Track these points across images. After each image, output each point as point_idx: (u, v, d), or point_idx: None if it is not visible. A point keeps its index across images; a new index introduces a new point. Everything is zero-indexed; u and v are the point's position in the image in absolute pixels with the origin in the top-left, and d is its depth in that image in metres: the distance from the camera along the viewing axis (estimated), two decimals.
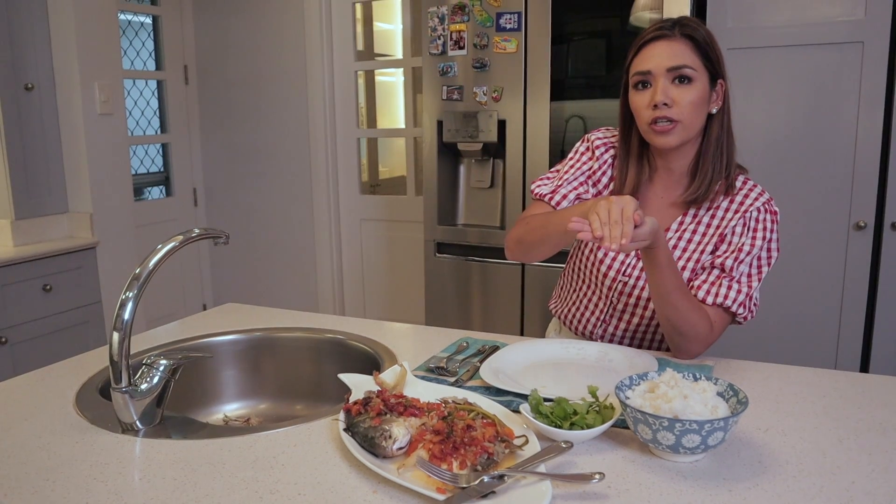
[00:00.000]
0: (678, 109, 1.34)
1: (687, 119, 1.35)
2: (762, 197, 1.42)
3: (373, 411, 1.02)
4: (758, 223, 1.39)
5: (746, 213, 1.40)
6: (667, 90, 1.34)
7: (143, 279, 1.14)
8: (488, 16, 2.66)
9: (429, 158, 2.89)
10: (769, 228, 1.40)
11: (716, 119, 1.40)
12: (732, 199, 1.42)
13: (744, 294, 1.37)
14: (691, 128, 1.37)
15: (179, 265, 4.13)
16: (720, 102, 1.40)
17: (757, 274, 1.39)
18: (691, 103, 1.34)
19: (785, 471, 0.96)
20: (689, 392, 0.99)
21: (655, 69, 1.35)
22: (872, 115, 2.32)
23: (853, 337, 2.45)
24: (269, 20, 3.89)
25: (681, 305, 1.31)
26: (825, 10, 2.34)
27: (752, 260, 1.39)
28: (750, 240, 1.38)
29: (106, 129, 3.20)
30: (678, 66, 1.34)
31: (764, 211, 1.40)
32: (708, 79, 1.37)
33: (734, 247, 1.39)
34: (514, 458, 0.96)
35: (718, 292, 1.37)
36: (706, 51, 1.36)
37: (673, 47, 1.34)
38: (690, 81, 1.34)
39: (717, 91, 1.39)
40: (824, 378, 1.31)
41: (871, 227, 2.38)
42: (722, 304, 1.37)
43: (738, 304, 1.37)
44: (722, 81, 1.39)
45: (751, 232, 1.39)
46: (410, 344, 1.55)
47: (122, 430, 1.11)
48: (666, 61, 1.34)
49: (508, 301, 2.81)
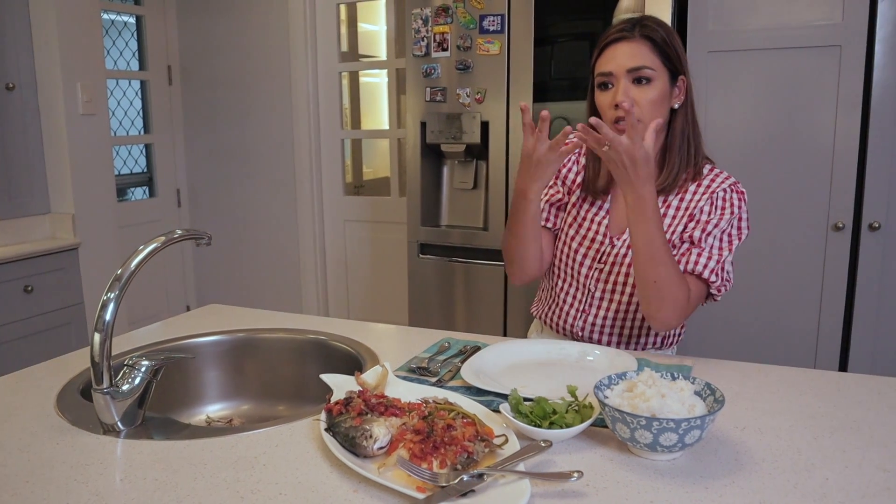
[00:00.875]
0: (638, 109, 1.39)
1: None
2: (729, 180, 1.48)
3: (354, 411, 1.03)
4: (725, 201, 1.45)
5: (714, 193, 1.45)
6: (627, 91, 1.40)
7: (124, 280, 1.14)
8: (472, 18, 2.67)
9: (412, 159, 2.90)
10: (737, 205, 1.44)
11: (679, 113, 1.47)
12: (700, 183, 1.48)
13: (714, 261, 1.41)
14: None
15: (163, 266, 4.11)
16: (682, 97, 1.46)
17: (728, 245, 1.44)
18: (651, 102, 1.40)
19: (761, 468, 0.97)
20: (666, 391, 1.00)
21: (616, 70, 1.41)
22: (850, 118, 2.35)
23: (832, 336, 2.48)
24: (254, 21, 3.88)
25: (667, 262, 1.33)
26: (804, 14, 2.37)
27: (722, 234, 1.44)
28: (718, 216, 1.44)
29: (88, 130, 3.18)
30: (637, 67, 1.40)
31: (731, 191, 1.46)
32: (668, 77, 1.43)
33: (702, 223, 1.44)
34: (494, 457, 0.97)
35: (689, 260, 1.41)
36: (665, 50, 1.42)
37: (633, 48, 1.40)
38: (650, 81, 1.40)
39: (678, 87, 1.45)
40: (801, 377, 1.33)
41: (850, 228, 2.41)
42: (694, 271, 1.41)
43: (710, 270, 1.41)
44: (683, 77, 1.45)
45: (718, 210, 1.44)
46: (392, 344, 1.56)
47: (104, 431, 1.11)
48: (626, 63, 1.40)
49: (491, 302, 2.82)
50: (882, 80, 2.30)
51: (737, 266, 2.46)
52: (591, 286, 1.54)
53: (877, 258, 2.40)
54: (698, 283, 1.42)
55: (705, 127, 2.53)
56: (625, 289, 1.51)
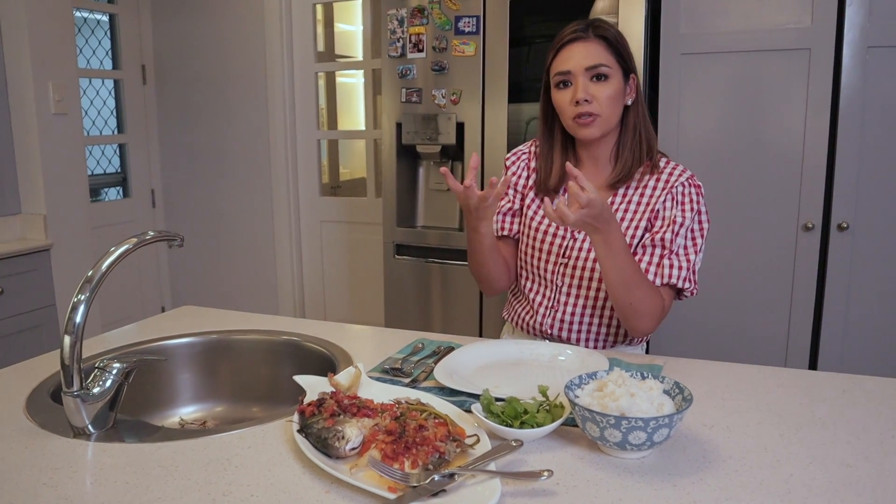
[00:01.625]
0: (597, 104, 1.46)
1: (605, 112, 1.47)
2: (685, 174, 1.53)
3: (326, 412, 1.03)
4: (684, 196, 1.50)
5: (673, 188, 1.51)
6: (586, 87, 1.46)
7: (95, 282, 1.13)
8: (447, 19, 2.68)
9: (388, 160, 2.90)
10: (695, 200, 1.51)
11: (631, 110, 1.54)
12: (658, 178, 1.53)
13: (685, 269, 1.48)
14: (610, 120, 1.49)
15: (137, 267, 4.07)
16: (634, 95, 1.53)
17: (693, 246, 1.50)
18: (608, 98, 1.47)
19: (728, 465, 0.99)
20: (635, 390, 1.02)
21: (574, 69, 1.47)
22: (819, 120, 2.39)
23: (802, 335, 2.52)
24: (229, 20, 3.85)
25: (640, 284, 1.40)
26: (774, 17, 2.40)
27: (686, 232, 1.49)
28: (680, 212, 1.49)
29: (60, 129, 3.15)
30: (595, 65, 1.46)
31: (689, 185, 1.51)
32: (621, 75, 1.49)
33: (668, 220, 1.49)
34: (466, 457, 0.98)
35: (662, 272, 1.47)
36: (618, 49, 1.49)
37: (589, 48, 1.47)
38: (606, 78, 1.47)
39: (630, 85, 1.52)
40: (769, 375, 1.35)
41: (819, 228, 2.45)
42: (668, 283, 1.47)
43: (683, 279, 1.47)
44: (634, 76, 1.52)
45: (679, 205, 1.50)
46: (367, 345, 1.56)
47: (74, 434, 1.10)
48: (583, 61, 1.46)
49: (467, 302, 2.83)
50: (850, 83, 2.34)
51: (709, 267, 2.51)
52: (557, 281, 1.57)
53: (845, 258, 2.44)
54: (671, 292, 1.50)
55: (678, 127, 2.56)
56: (591, 283, 1.54)
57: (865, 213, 2.41)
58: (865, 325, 2.46)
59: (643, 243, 1.49)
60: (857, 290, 2.45)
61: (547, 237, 1.58)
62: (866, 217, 2.41)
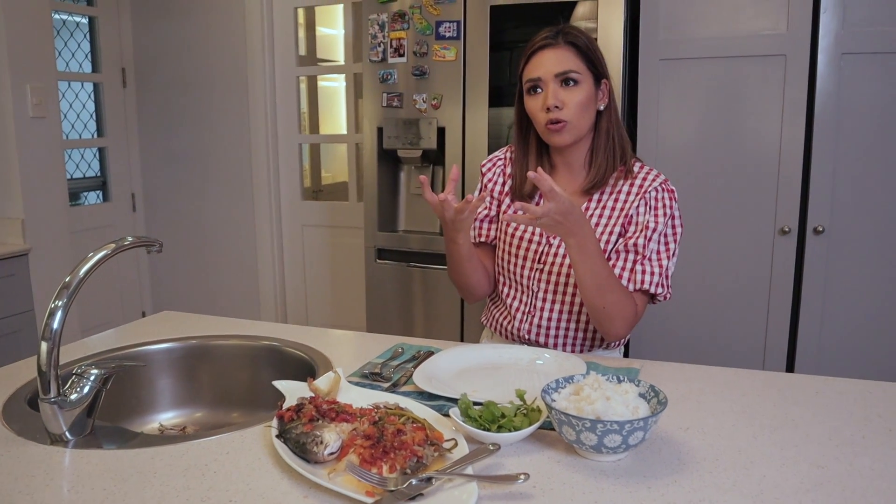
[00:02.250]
0: (568, 111, 1.47)
1: (576, 118, 1.48)
2: (659, 178, 1.54)
3: (305, 417, 1.03)
4: (657, 202, 1.51)
5: (646, 193, 1.52)
6: (557, 93, 1.47)
7: (73, 288, 1.13)
8: (428, 24, 2.69)
9: (369, 165, 2.91)
10: (668, 205, 1.52)
11: (604, 115, 1.55)
12: (633, 183, 1.54)
13: (658, 275, 1.49)
14: (582, 125, 1.50)
15: (117, 272, 4.04)
16: (606, 100, 1.54)
17: (665, 251, 1.51)
18: (579, 104, 1.48)
19: (702, 467, 1.00)
20: (611, 394, 1.03)
21: (545, 75, 1.48)
22: (795, 125, 2.43)
23: (779, 337, 2.55)
24: (210, 23, 3.84)
25: (613, 287, 1.42)
26: (751, 24, 2.44)
27: (659, 237, 1.51)
28: (653, 217, 1.50)
29: (39, 133, 3.12)
30: (565, 71, 1.48)
31: (662, 190, 1.52)
32: (592, 80, 1.50)
33: (641, 225, 1.50)
34: (444, 461, 0.98)
35: (635, 278, 1.48)
36: (588, 55, 1.50)
37: (559, 54, 1.48)
38: (577, 84, 1.48)
39: (602, 90, 1.53)
40: (744, 378, 1.37)
41: (796, 232, 2.48)
42: (641, 289, 1.48)
43: (656, 284, 1.49)
44: (606, 81, 1.53)
45: (652, 210, 1.51)
46: (347, 350, 1.56)
47: (51, 441, 1.10)
48: (554, 67, 1.48)
49: (449, 307, 2.84)
50: (825, 89, 2.38)
51: (687, 271, 2.53)
52: (533, 287, 1.58)
53: (821, 261, 2.47)
54: (644, 297, 1.51)
55: (656, 132, 2.59)
56: (566, 289, 1.55)
57: (841, 217, 2.44)
58: (841, 327, 2.50)
59: (616, 248, 1.51)
60: (832, 293, 2.49)
61: (523, 243, 1.59)
62: (842, 221, 2.44)
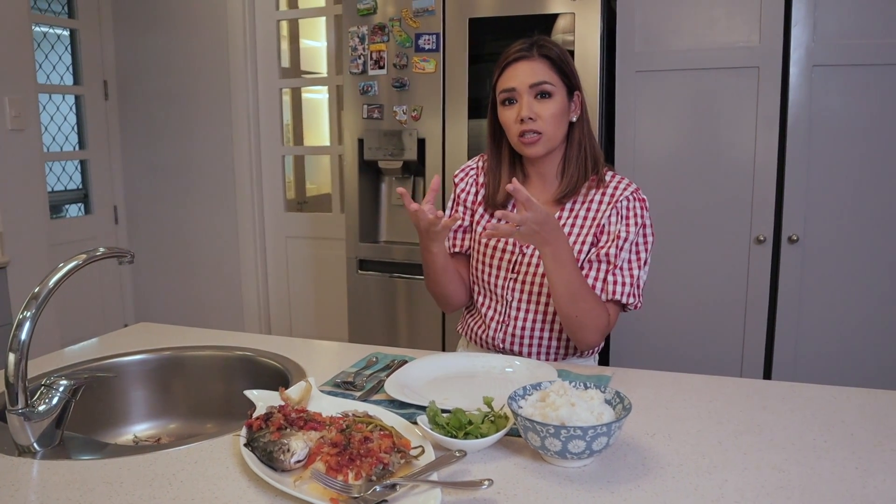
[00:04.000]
0: (541, 123, 1.49)
1: (550, 130, 1.50)
2: (630, 187, 1.55)
3: (273, 426, 1.04)
4: (629, 211, 1.53)
5: (618, 203, 1.53)
6: (531, 105, 1.49)
7: (41, 299, 1.13)
8: (407, 36, 2.71)
9: (350, 176, 2.92)
10: (640, 214, 1.53)
11: (577, 126, 1.56)
12: (604, 192, 1.56)
13: (629, 285, 1.50)
14: (555, 137, 1.52)
15: (99, 284, 4.02)
16: (579, 111, 1.56)
17: (637, 261, 1.52)
18: (552, 115, 1.49)
19: (665, 472, 1.02)
20: (576, 400, 1.04)
21: (519, 87, 1.50)
22: (768, 135, 2.46)
23: (756, 344, 2.57)
24: (192, 35, 3.85)
25: (586, 297, 1.43)
26: (724, 36, 2.47)
27: (631, 246, 1.52)
28: (625, 226, 1.52)
29: (18, 145, 3.11)
30: (538, 82, 1.49)
31: (633, 199, 1.54)
32: (565, 92, 1.52)
33: (612, 235, 1.52)
34: (410, 468, 0.99)
35: (607, 288, 1.50)
36: (562, 67, 1.52)
37: (533, 66, 1.50)
38: (550, 96, 1.50)
39: (574, 102, 1.55)
40: (713, 384, 1.39)
41: (770, 241, 2.51)
42: (612, 299, 1.50)
43: (627, 294, 1.50)
44: (578, 93, 1.55)
45: (624, 220, 1.52)
46: (321, 360, 1.57)
47: (19, 453, 1.10)
48: (528, 79, 1.49)
49: (430, 317, 2.85)
50: (797, 100, 2.42)
51: (664, 280, 2.55)
52: (507, 296, 1.59)
53: (796, 269, 2.50)
54: (616, 306, 1.53)
55: (634, 143, 2.62)
56: (540, 298, 1.56)
57: (815, 226, 2.47)
58: (817, 334, 2.52)
59: (588, 258, 1.52)
60: (808, 301, 2.51)
61: (497, 252, 1.60)
62: (816, 229, 2.47)
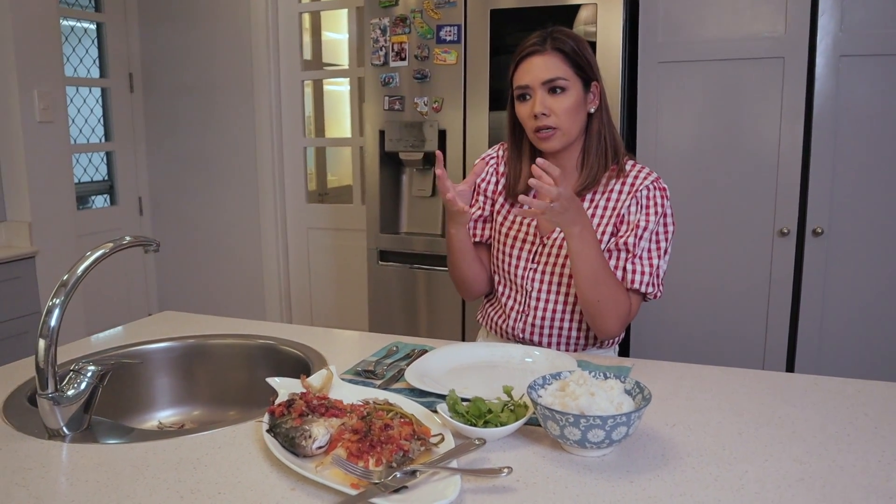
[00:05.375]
0: (555, 118, 1.49)
1: (565, 125, 1.49)
2: (650, 176, 1.54)
3: (295, 412, 1.05)
4: (649, 200, 1.52)
5: (638, 192, 1.52)
6: (544, 101, 1.48)
7: (70, 286, 1.16)
8: (429, 28, 2.71)
9: (371, 167, 2.93)
10: (660, 203, 1.52)
11: (595, 117, 1.55)
12: (624, 182, 1.55)
13: (648, 274, 1.50)
14: (571, 131, 1.51)
15: (124, 274, 4.08)
16: (597, 102, 1.55)
17: (657, 250, 1.52)
18: (567, 110, 1.49)
19: (685, 463, 1.02)
20: (595, 390, 1.04)
21: (532, 83, 1.50)
22: (793, 127, 2.43)
23: (779, 338, 2.56)
24: (215, 29, 3.88)
25: (609, 281, 1.44)
26: (749, 26, 2.45)
27: (651, 235, 1.51)
28: (644, 216, 1.51)
29: (46, 137, 3.16)
30: (551, 79, 1.49)
31: (653, 188, 1.53)
32: (581, 84, 1.51)
33: (632, 224, 1.51)
34: (430, 456, 1.00)
35: (627, 277, 1.49)
36: (576, 60, 1.50)
37: (546, 61, 1.49)
38: (564, 91, 1.49)
39: (592, 93, 1.54)
40: (734, 376, 1.38)
41: (794, 234, 2.49)
42: (632, 288, 1.49)
43: (646, 284, 1.50)
44: (596, 83, 1.53)
45: (644, 209, 1.52)
46: (343, 349, 1.58)
47: (49, 436, 1.12)
48: (541, 75, 1.49)
49: (450, 308, 2.85)
50: (823, 91, 2.39)
51: (687, 271, 2.54)
52: (527, 286, 1.59)
53: (820, 262, 2.48)
54: (638, 297, 1.52)
55: (656, 134, 2.60)
56: (560, 288, 1.56)
57: (839, 219, 2.45)
58: (840, 327, 2.50)
59: (608, 248, 1.52)
60: (831, 294, 2.49)
61: (517, 242, 1.61)
62: (840, 222, 2.45)
